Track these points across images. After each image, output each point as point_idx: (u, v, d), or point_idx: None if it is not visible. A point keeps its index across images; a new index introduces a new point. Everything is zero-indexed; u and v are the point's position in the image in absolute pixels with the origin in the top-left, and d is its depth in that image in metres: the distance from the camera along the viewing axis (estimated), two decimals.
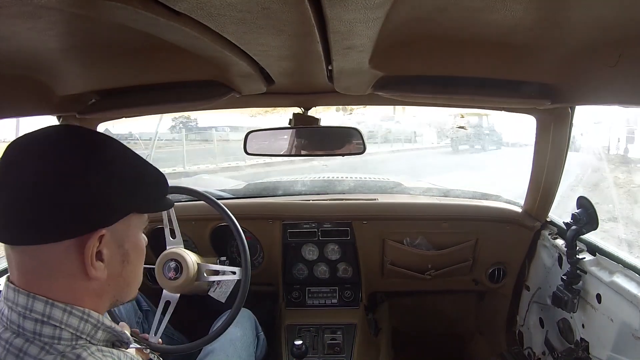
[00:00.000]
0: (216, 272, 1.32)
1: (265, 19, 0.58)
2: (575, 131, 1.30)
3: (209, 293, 1.34)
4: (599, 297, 1.12)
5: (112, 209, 0.56)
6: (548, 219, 1.47)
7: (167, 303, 1.28)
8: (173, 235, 1.32)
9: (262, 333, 1.37)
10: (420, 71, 0.98)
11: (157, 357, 0.91)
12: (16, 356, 0.51)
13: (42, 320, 0.52)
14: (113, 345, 0.60)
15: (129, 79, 1.04)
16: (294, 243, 1.63)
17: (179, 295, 1.29)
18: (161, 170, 0.64)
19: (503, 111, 1.32)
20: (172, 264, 1.28)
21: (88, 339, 0.55)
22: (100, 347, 0.55)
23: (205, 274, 1.31)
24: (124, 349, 0.61)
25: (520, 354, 1.57)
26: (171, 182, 0.72)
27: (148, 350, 0.94)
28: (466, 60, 0.89)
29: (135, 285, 0.64)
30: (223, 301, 1.33)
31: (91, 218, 0.54)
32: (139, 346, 0.91)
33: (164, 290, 1.29)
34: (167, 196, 0.67)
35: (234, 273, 1.28)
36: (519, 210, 1.55)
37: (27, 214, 0.51)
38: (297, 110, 1.34)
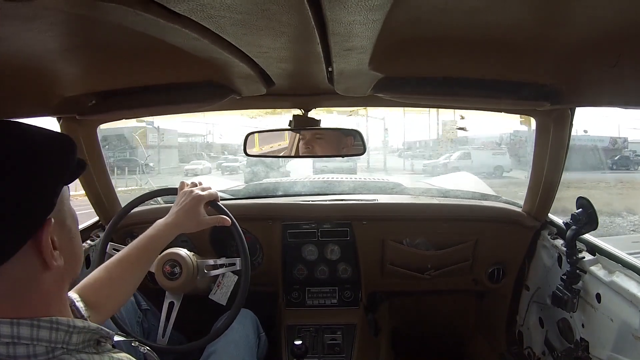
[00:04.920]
0: (216, 267, 1.32)
1: (265, 20, 0.59)
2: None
3: (209, 296, 1.34)
4: (598, 296, 1.12)
5: (49, 191, 0.53)
6: (548, 219, 1.48)
7: (171, 304, 1.27)
8: None
9: (263, 333, 1.37)
10: (420, 72, 0.98)
11: (157, 357, 0.89)
12: None
13: (13, 342, 0.50)
14: (98, 343, 0.58)
15: (129, 81, 1.04)
16: (294, 243, 1.62)
17: (182, 295, 1.29)
18: None
19: (502, 112, 1.32)
20: (171, 264, 1.28)
21: (64, 346, 0.53)
22: (80, 357, 0.53)
23: (205, 270, 1.31)
24: (110, 350, 0.59)
25: (520, 353, 1.57)
26: (172, 184, 0.72)
27: (141, 346, 0.93)
28: (466, 61, 0.89)
29: (82, 256, 0.62)
30: (224, 304, 1.33)
31: (37, 210, 0.51)
32: (124, 338, 0.89)
33: (167, 292, 1.29)
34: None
35: (233, 264, 1.27)
36: (519, 210, 1.55)
37: None
38: (297, 111, 1.34)
